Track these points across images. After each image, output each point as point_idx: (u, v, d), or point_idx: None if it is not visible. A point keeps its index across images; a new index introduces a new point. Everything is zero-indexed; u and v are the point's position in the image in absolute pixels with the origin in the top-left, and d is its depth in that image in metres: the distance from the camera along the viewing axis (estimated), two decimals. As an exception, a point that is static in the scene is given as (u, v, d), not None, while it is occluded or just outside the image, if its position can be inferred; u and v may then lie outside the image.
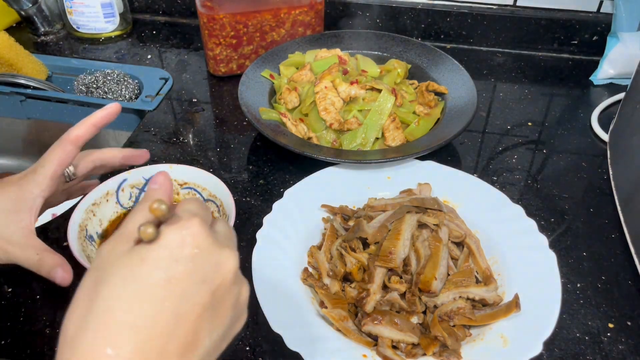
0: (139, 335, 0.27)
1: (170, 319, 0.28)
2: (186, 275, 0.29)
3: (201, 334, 0.29)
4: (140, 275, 0.28)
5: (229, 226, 0.35)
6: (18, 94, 0.87)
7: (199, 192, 0.61)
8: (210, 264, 0.30)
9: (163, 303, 0.28)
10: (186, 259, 0.29)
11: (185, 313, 0.28)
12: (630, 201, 0.61)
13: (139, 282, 0.28)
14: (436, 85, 0.78)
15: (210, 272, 0.30)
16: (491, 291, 0.53)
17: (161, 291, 0.28)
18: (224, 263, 0.31)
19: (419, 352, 0.49)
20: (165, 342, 0.27)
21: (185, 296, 0.28)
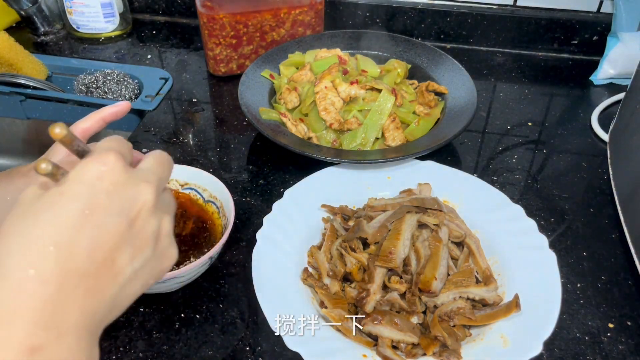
0: (58, 258, 0.28)
1: (88, 244, 0.29)
2: (102, 207, 0.30)
3: (120, 261, 0.31)
4: (59, 206, 0.30)
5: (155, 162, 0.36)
6: (18, 94, 0.87)
7: (199, 193, 0.61)
8: (126, 197, 0.32)
9: (80, 230, 0.29)
10: (102, 193, 0.31)
11: (103, 240, 0.30)
12: (630, 201, 0.61)
13: (58, 211, 0.30)
14: (436, 85, 0.78)
15: (126, 204, 0.31)
16: (491, 291, 0.53)
17: (79, 220, 0.29)
18: (140, 196, 0.32)
19: (419, 352, 0.49)
20: (83, 264, 0.29)
21: (101, 225, 0.30)
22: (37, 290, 0.28)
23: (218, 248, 0.52)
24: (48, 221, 0.29)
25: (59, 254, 0.29)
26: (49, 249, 0.28)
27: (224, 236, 0.53)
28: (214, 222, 0.60)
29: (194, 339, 0.52)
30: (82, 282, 0.29)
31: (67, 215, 0.29)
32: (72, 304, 0.29)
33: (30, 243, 0.29)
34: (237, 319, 0.54)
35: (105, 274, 0.30)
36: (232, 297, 0.56)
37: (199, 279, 0.57)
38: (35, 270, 0.28)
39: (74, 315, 0.29)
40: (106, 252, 0.30)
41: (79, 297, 0.29)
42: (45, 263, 0.28)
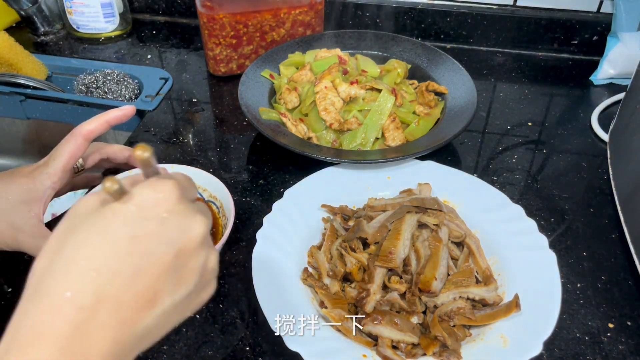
0: (97, 283, 0.28)
1: (131, 273, 0.29)
2: (152, 235, 0.30)
3: (161, 293, 0.30)
4: (108, 227, 0.29)
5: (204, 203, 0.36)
6: (18, 94, 0.87)
7: (199, 193, 0.61)
8: (178, 227, 0.31)
9: (126, 257, 0.29)
10: (155, 220, 0.30)
11: (147, 269, 0.29)
12: (630, 201, 0.61)
13: (106, 234, 0.29)
14: (436, 85, 0.78)
15: (177, 235, 0.31)
16: (491, 291, 0.53)
17: (126, 245, 0.29)
18: (192, 228, 0.31)
19: (419, 352, 0.49)
20: (122, 293, 0.28)
21: (148, 254, 0.29)
22: (70, 314, 0.27)
23: (218, 248, 0.52)
24: (96, 243, 0.29)
25: (100, 280, 0.28)
26: (92, 274, 0.28)
27: (224, 236, 0.53)
28: (214, 222, 0.60)
29: (194, 339, 0.52)
30: (118, 312, 0.28)
31: (115, 239, 0.29)
32: (103, 333, 0.28)
33: (73, 264, 0.28)
34: (237, 319, 0.54)
35: (144, 305, 0.29)
36: (232, 297, 0.56)
37: (199, 279, 0.57)
38: (73, 293, 0.27)
39: (104, 345, 0.28)
40: (148, 282, 0.29)
41: (112, 326, 0.28)
42: (84, 288, 0.28)
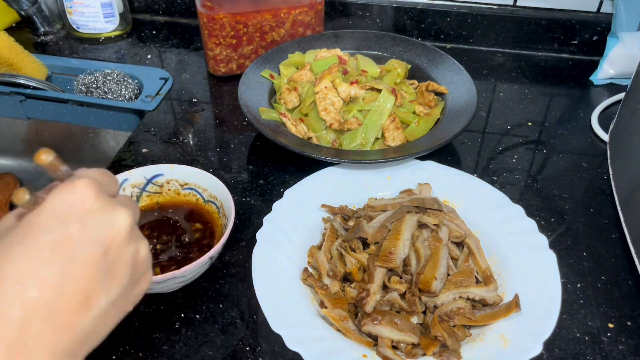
0: (24, 295, 0.27)
1: (58, 279, 0.28)
2: (74, 237, 0.29)
3: (94, 293, 0.29)
4: (27, 238, 0.28)
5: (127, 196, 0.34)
6: (18, 94, 0.87)
7: (199, 193, 0.61)
8: (99, 224, 0.30)
9: (50, 263, 0.28)
10: (75, 221, 0.29)
11: (75, 273, 0.28)
12: (630, 201, 0.61)
13: (25, 245, 0.28)
14: (436, 85, 0.78)
15: (100, 232, 0.30)
16: (491, 291, 0.53)
17: (48, 252, 0.28)
18: (115, 222, 0.31)
19: (419, 352, 0.49)
20: (53, 300, 0.28)
21: (73, 257, 0.29)
22: (3, 332, 0.26)
23: (218, 248, 0.52)
24: (17, 257, 0.28)
25: (26, 291, 0.27)
26: (17, 287, 0.27)
27: (224, 236, 0.53)
28: (214, 222, 0.60)
29: (194, 339, 0.52)
30: (51, 320, 0.28)
31: (36, 248, 0.28)
32: (38, 344, 0.27)
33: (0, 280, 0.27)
34: (237, 319, 0.54)
35: (77, 309, 0.29)
36: (232, 297, 0.56)
37: (199, 279, 0.57)
38: (1, 310, 0.27)
39: (43, 354, 0.27)
40: (78, 285, 0.29)
41: (46, 336, 0.27)
42: (11, 302, 0.27)
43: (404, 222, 0.56)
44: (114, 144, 0.92)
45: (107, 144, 0.93)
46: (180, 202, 0.62)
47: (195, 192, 0.61)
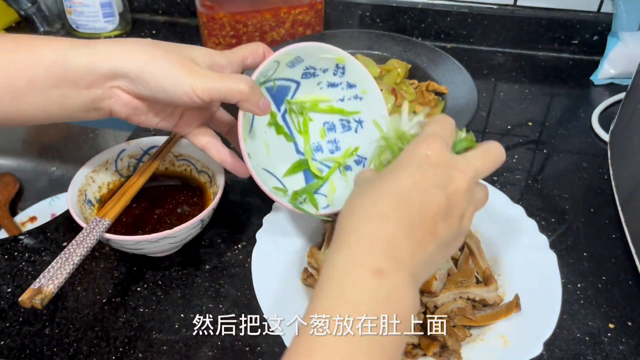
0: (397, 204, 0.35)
1: (418, 202, 0.35)
2: (428, 178, 0.36)
3: (439, 225, 0.36)
4: (396, 171, 0.37)
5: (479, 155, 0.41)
6: (18, 94, 0.86)
7: (192, 164, 0.64)
8: (445, 175, 0.37)
9: (412, 189, 0.35)
10: (428, 167, 0.37)
11: (428, 203, 0.35)
12: (630, 201, 0.61)
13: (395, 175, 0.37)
14: (436, 85, 0.78)
15: (445, 181, 0.37)
16: (491, 291, 0.53)
17: (410, 182, 0.36)
18: (457, 178, 0.37)
19: (419, 352, 0.49)
20: (415, 216, 0.35)
21: (427, 190, 0.36)
22: (382, 226, 0.34)
23: (208, 212, 0.55)
24: (388, 180, 0.36)
25: (397, 202, 0.35)
26: (388, 198, 0.35)
27: (214, 201, 0.56)
28: (206, 191, 0.63)
29: (193, 339, 0.52)
30: (413, 231, 0.34)
31: (401, 177, 0.36)
32: (406, 246, 0.34)
33: (375, 192, 0.36)
34: (237, 318, 0.54)
35: (429, 232, 0.35)
36: (232, 297, 0.56)
37: (199, 279, 0.57)
38: (379, 209, 0.35)
39: (406, 255, 0.34)
40: (430, 213, 0.35)
41: (410, 242, 0.34)
42: (387, 206, 0.35)
43: (404, 222, 0.56)
44: (113, 143, 0.92)
45: (107, 144, 0.93)
46: (174, 173, 0.65)
47: (189, 163, 0.64)
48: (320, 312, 0.32)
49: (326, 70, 0.56)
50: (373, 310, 0.31)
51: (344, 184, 0.59)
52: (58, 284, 0.47)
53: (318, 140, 0.61)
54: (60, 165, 0.98)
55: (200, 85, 0.44)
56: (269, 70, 0.51)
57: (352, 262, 0.33)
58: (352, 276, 0.32)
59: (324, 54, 0.53)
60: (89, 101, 0.45)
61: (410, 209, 0.35)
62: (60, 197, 0.95)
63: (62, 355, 0.51)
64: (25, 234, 0.63)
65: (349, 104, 0.58)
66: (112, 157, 0.63)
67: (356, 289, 0.32)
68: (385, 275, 0.32)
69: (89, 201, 0.59)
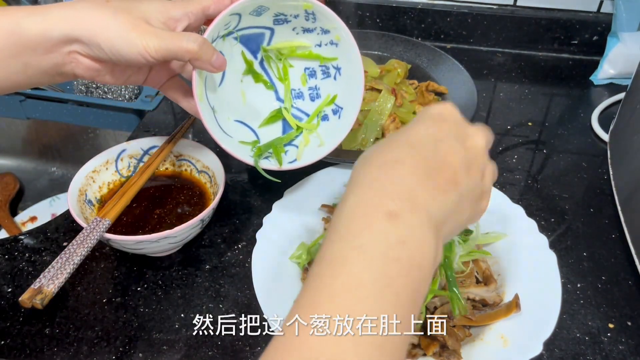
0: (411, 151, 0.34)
1: (433, 149, 0.35)
2: (443, 130, 0.36)
3: (458, 173, 0.35)
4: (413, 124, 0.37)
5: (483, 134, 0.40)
6: (17, 94, 0.86)
7: (192, 164, 0.64)
8: (462, 131, 0.37)
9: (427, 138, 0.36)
10: (443, 121, 0.37)
11: (445, 153, 0.35)
12: (630, 201, 0.61)
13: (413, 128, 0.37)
14: (436, 85, 0.78)
15: (462, 136, 0.37)
16: (491, 291, 0.53)
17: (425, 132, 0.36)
18: (474, 134, 0.38)
19: (419, 352, 0.49)
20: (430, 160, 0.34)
21: (443, 142, 0.35)
22: (397, 170, 0.33)
23: (208, 211, 0.55)
24: (403, 133, 0.36)
25: (414, 149, 0.34)
26: (404, 145, 0.35)
27: (215, 201, 0.56)
28: (206, 191, 0.63)
29: (193, 339, 0.52)
30: (432, 176, 0.33)
31: (418, 129, 0.36)
32: (423, 189, 0.33)
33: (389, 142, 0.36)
34: (237, 318, 0.54)
35: (449, 179, 0.34)
36: (232, 297, 0.56)
37: (199, 279, 0.57)
38: (395, 155, 0.34)
39: (426, 198, 0.32)
40: (448, 161, 0.35)
41: (429, 186, 0.33)
42: (401, 152, 0.34)
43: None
44: (113, 143, 0.92)
45: (107, 144, 0.93)
46: (174, 173, 0.65)
47: (189, 163, 0.64)
48: (329, 258, 0.30)
49: (297, 16, 0.54)
50: (386, 256, 0.29)
51: (317, 138, 0.59)
52: (58, 284, 0.47)
53: (299, 87, 0.60)
54: (60, 165, 0.99)
55: (152, 46, 0.43)
56: (228, 23, 0.50)
57: (363, 206, 0.31)
58: (363, 220, 0.31)
59: (287, 1, 0.51)
60: (50, 67, 0.45)
61: (427, 155, 0.34)
62: (60, 197, 0.95)
63: (62, 355, 0.51)
64: (25, 234, 0.63)
65: (326, 49, 0.57)
66: (112, 157, 0.63)
67: (367, 232, 0.30)
68: (399, 218, 0.30)
69: (89, 201, 0.59)
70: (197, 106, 0.48)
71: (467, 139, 0.37)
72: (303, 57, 0.58)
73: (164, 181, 0.65)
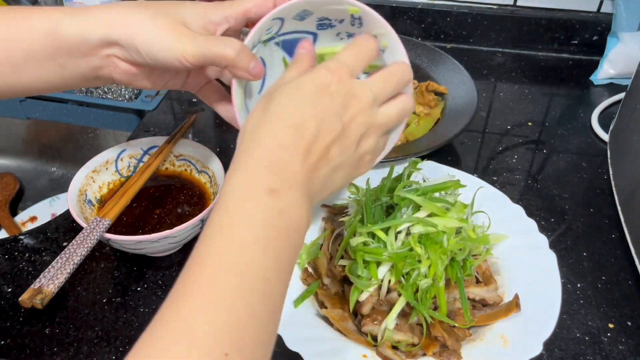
0: (295, 134, 0.37)
1: (314, 130, 0.37)
2: (326, 106, 0.38)
3: (332, 150, 0.38)
4: (296, 97, 0.38)
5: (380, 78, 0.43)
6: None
7: (192, 164, 0.64)
8: (342, 104, 0.39)
9: (310, 118, 0.37)
10: (327, 96, 0.39)
11: (323, 131, 0.38)
12: (630, 201, 0.61)
13: (296, 102, 0.38)
14: (436, 85, 0.78)
15: (342, 110, 0.39)
16: (491, 291, 0.53)
17: (309, 110, 0.38)
18: (352, 106, 0.39)
19: (419, 352, 0.49)
20: (309, 144, 0.37)
21: (324, 119, 0.38)
22: (280, 154, 0.36)
23: (208, 211, 0.55)
24: (290, 108, 0.38)
25: (297, 133, 0.37)
26: (289, 129, 0.37)
27: (215, 201, 0.56)
28: (206, 191, 0.63)
29: (193, 339, 0.52)
30: (308, 156, 0.37)
31: (302, 105, 0.38)
32: (300, 170, 0.36)
33: (278, 120, 0.38)
34: (237, 319, 0.54)
35: (322, 157, 0.38)
36: (232, 297, 0.56)
37: (198, 279, 0.57)
38: (279, 140, 0.36)
39: (301, 178, 0.36)
40: (324, 140, 0.38)
41: (305, 166, 0.37)
42: (286, 137, 0.36)
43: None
44: (113, 143, 0.92)
45: (107, 144, 0.93)
46: (174, 173, 0.65)
47: (189, 163, 0.64)
48: (218, 224, 0.34)
49: (342, 20, 0.51)
50: (267, 223, 0.34)
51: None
52: (58, 284, 0.47)
53: None
54: (60, 165, 0.99)
55: (190, 51, 0.43)
56: (270, 28, 0.48)
57: (249, 182, 0.35)
58: (248, 194, 0.35)
59: (332, 5, 0.49)
60: (88, 70, 0.45)
61: (307, 137, 0.37)
62: (60, 197, 0.95)
63: (62, 355, 0.51)
64: (25, 234, 0.63)
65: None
66: (112, 157, 0.63)
67: (251, 203, 0.34)
68: (279, 194, 0.35)
69: (89, 201, 0.59)
70: (236, 115, 0.47)
71: (346, 112, 0.39)
72: None
73: (164, 181, 0.65)
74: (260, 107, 0.40)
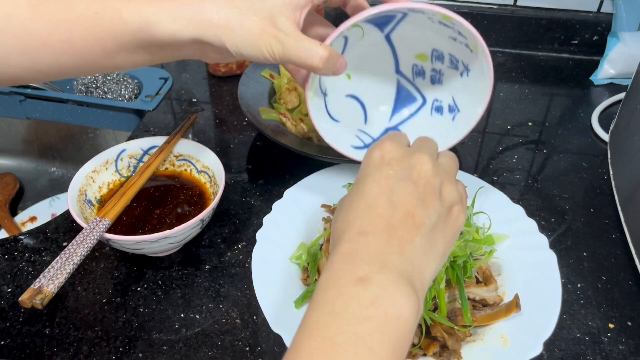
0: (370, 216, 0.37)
1: (389, 204, 0.37)
2: (389, 177, 0.39)
3: (417, 214, 0.37)
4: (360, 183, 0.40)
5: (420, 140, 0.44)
6: (17, 94, 0.87)
7: (192, 164, 0.64)
8: (404, 167, 0.39)
9: (380, 195, 0.38)
10: (386, 166, 0.39)
11: (398, 200, 0.37)
12: (630, 201, 0.61)
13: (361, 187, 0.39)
14: (436, 85, 0.78)
15: (407, 171, 0.39)
16: (491, 291, 0.53)
17: (375, 188, 0.38)
18: (417, 163, 0.39)
19: (419, 352, 0.49)
20: (390, 219, 0.36)
21: (394, 189, 0.38)
22: (362, 241, 0.35)
23: (208, 211, 0.55)
24: (357, 195, 0.39)
25: (371, 214, 0.37)
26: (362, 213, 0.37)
27: (215, 201, 0.56)
28: (206, 191, 0.63)
29: (193, 339, 0.52)
30: (394, 233, 0.36)
31: (370, 189, 0.38)
32: (389, 249, 0.35)
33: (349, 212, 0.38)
34: (237, 319, 0.54)
35: (409, 226, 0.36)
36: (232, 297, 0.56)
37: (199, 279, 0.57)
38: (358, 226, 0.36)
39: (393, 257, 0.35)
40: (403, 208, 0.37)
41: (394, 244, 0.35)
42: (363, 222, 0.36)
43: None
44: (113, 143, 0.92)
45: (107, 144, 0.93)
46: (174, 173, 0.65)
47: (189, 163, 0.64)
48: (306, 325, 0.33)
49: (432, 16, 0.50)
50: (358, 317, 0.32)
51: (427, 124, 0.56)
52: (58, 284, 0.47)
53: (421, 63, 0.55)
54: (60, 165, 0.99)
55: (277, 54, 0.43)
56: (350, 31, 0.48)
57: (335, 277, 0.34)
58: (335, 289, 0.34)
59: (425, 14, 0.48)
60: (178, 56, 0.47)
61: (384, 214, 0.37)
62: (60, 197, 0.95)
63: (62, 355, 0.51)
64: (25, 234, 0.63)
65: (460, 48, 0.52)
66: (112, 157, 0.63)
67: (339, 298, 0.33)
68: (368, 281, 0.33)
69: (89, 201, 0.59)
70: (308, 106, 0.49)
71: (413, 171, 0.39)
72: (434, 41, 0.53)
73: (164, 181, 0.65)
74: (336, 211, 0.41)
